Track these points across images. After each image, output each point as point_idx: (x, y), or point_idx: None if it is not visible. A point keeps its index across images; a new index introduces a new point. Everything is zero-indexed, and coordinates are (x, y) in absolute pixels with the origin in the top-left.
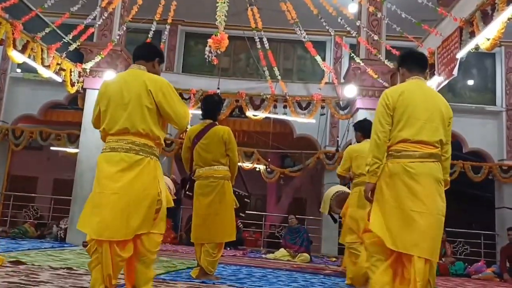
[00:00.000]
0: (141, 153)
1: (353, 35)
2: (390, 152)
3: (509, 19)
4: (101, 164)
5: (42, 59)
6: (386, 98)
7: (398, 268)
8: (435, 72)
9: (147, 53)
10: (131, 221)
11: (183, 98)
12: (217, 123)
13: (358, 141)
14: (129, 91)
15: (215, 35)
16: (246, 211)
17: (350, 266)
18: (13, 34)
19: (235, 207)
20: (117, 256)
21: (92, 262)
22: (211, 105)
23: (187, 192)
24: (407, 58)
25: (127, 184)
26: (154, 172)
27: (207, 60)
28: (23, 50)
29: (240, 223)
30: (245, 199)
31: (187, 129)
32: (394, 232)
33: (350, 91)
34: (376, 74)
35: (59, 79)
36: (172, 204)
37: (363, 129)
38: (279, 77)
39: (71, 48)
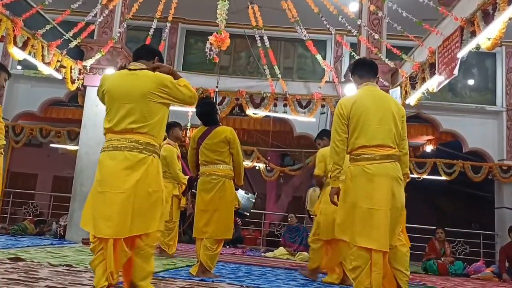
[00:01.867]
0: (144, 152)
1: (354, 34)
2: (351, 157)
3: (510, 18)
4: (104, 162)
5: (43, 56)
6: (340, 108)
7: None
8: (436, 72)
9: (146, 53)
10: (138, 219)
11: None
12: (220, 124)
13: (325, 146)
14: (134, 91)
15: (218, 33)
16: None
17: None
18: (13, 31)
19: (237, 206)
20: (124, 252)
21: (95, 259)
22: (206, 112)
23: (193, 191)
24: (357, 66)
25: (134, 184)
26: (157, 171)
27: (207, 58)
28: (23, 47)
29: (239, 221)
30: (250, 199)
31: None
32: (356, 229)
33: (350, 90)
34: None
35: (59, 76)
36: (170, 202)
37: (329, 135)
38: (279, 76)
39: (72, 45)
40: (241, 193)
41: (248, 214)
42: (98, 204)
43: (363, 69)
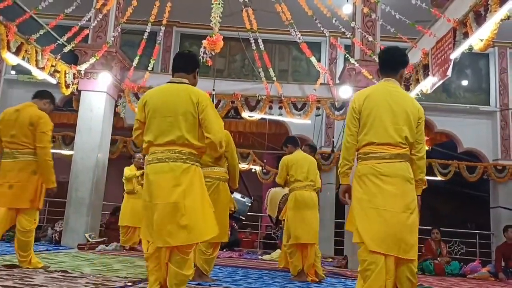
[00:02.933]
0: (188, 162)
1: (348, 36)
2: (359, 155)
3: (501, 20)
4: (151, 175)
5: (37, 61)
6: (353, 102)
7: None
8: (429, 73)
9: (187, 64)
10: (189, 226)
11: None
12: None
13: (291, 153)
14: (176, 105)
15: (211, 36)
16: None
17: (290, 264)
18: (7, 36)
19: (233, 209)
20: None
21: (151, 265)
22: None
23: None
24: (379, 61)
25: (181, 193)
26: (200, 179)
27: (201, 61)
28: (17, 52)
29: (236, 226)
30: (246, 203)
31: None
32: (364, 230)
33: (345, 91)
34: (370, 74)
35: (53, 81)
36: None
37: (291, 142)
38: (274, 78)
39: (66, 49)
40: (237, 197)
41: (243, 218)
42: (149, 215)
43: (383, 65)
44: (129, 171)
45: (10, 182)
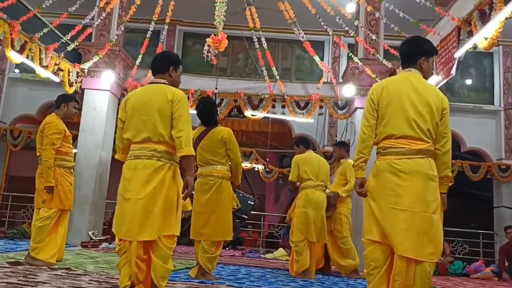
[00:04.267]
0: (162, 160)
1: (351, 34)
2: (378, 150)
3: (506, 18)
4: (126, 171)
5: (40, 59)
6: (371, 92)
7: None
8: (433, 72)
9: (160, 66)
10: (155, 223)
11: None
12: (219, 124)
13: (301, 153)
14: (152, 103)
15: (215, 35)
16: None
17: (295, 262)
18: (11, 34)
19: (236, 207)
20: (140, 256)
21: (121, 261)
22: (207, 111)
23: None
24: (400, 52)
25: (151, 190)
26: (174, 177)
27: (205, 60)
28: (21, 51)
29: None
30: (249, 202)
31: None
32: (376, 230)
33: (348, 90)
34: (374, 73)
35: (57, 79)
36: (189, 208)
37: (304, 142)
38: (277, 77)
39: (69, 48)
40: (240, 196)
41: (246, 217)
42: (122, 209)
43: (404, 56)
44: None
45: (36, 187)
